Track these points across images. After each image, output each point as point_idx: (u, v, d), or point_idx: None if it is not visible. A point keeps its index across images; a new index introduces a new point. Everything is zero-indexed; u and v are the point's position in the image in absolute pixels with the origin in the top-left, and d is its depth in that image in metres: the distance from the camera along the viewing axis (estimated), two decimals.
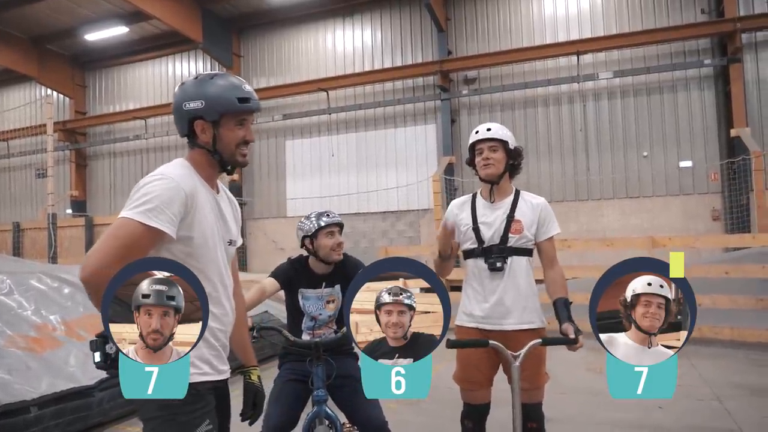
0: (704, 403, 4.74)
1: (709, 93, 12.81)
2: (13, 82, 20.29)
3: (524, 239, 2.82)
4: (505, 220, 2.83)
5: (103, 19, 16.40)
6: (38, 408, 3.83)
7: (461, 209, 2.96)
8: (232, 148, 1.94)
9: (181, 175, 1.87)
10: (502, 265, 2.78)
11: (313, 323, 3.00)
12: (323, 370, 2.73)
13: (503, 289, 2.78)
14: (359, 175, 15.52)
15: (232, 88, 1.92)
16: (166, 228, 1.75)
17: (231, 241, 2.05)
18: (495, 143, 2.83)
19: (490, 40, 14.53)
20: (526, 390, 2.74)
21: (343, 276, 3.03)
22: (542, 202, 2.93)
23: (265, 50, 17.09)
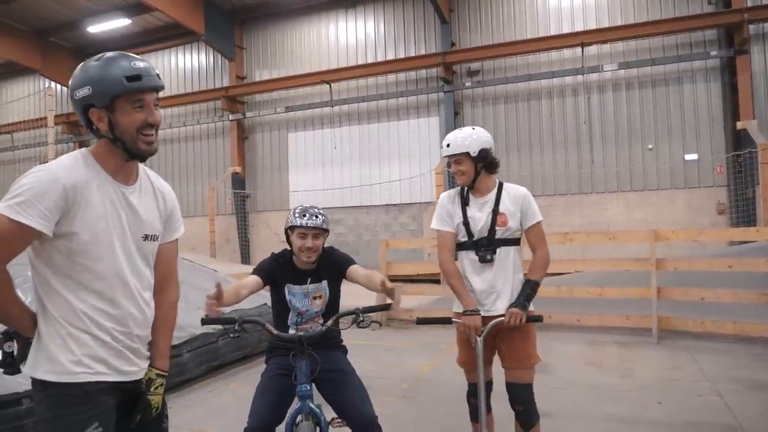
0: (704, 399, 4.67)
1: (715, 85, 12.67)
2: (16, 75, 20.32)
3: (510, 230, 3.04)
4: (491, 215, 3.03)
5: (105, 12, 16.38)
6: (30, 400, 3.80)
7: (453, 203, 3.15)
8: (132, 133, 1.76)
9: (65, 166, 1.74)
10: (492, 257, 3.01)
11: (299, 318, 2.95)
12: (307, 365, 2.65)
13: (493, 277, 3.01)
14: (362, 167, 15.47)
15: (119, 67, 1.73)
16: (35, 224, 1.63)
17: (147, 236, 1.90)
18: (458, 156, 2.99)
19: (493, 32, 14.40)
20: (512, 369, 3.02)
21: (331, 271, 2.97)
22: (522, 193, 3.09)
23: (267, 42, 17.02)
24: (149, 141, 1.79)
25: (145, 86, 1.75)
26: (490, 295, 3.02)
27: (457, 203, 3.14)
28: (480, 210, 3.07)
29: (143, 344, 1.94)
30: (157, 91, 1.81)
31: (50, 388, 1.71)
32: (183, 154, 17.45)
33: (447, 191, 3.27)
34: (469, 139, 3.02)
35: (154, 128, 1.80)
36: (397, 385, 5.36)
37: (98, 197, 1.77)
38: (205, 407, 4.90)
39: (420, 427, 4.30)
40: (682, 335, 6.94)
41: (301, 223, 2.85)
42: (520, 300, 2.93)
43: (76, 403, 1.70)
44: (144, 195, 1.92)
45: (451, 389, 5.19)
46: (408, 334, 7.91)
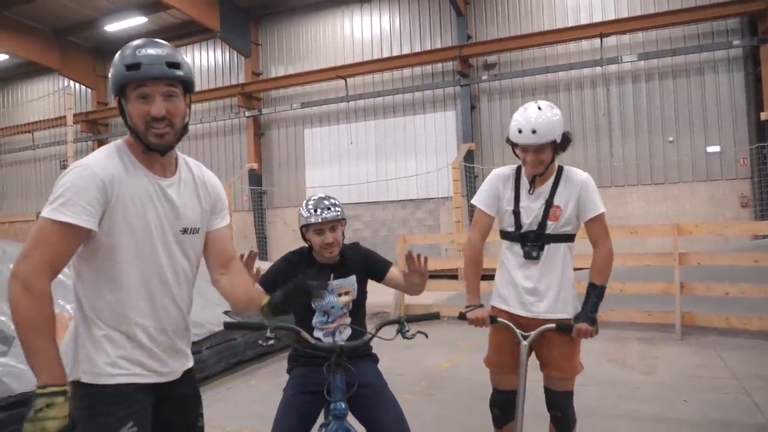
0: (731, 396, 4.57)
1: (738, 75, 12.40)
2: (35, 75, 20.56)
3: (563, 225, 2.71)
4: (544, 206, 2.70)
5: (122, 10, 16.49)
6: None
7: (505, 186, 2.81)
8: (140, 126, 1.68)
9: (100, 160, 1.69)
10: (538, 255, 2.71)
11: (326, 318, 2.67)
12: (342, 379, 2.31)
13: (537, 276, 2.72)
14: (378, 162, 15.42)
15: (124, 55, 1.65)
16: (79, 221, 1.59)
17: (186, 230, 1.84)
18: (542, 146, 2.59)
19: (510, 24, 14.24)
20: (555, 378, 2.78)
21: (360, 267, 2.72)
22: (582, 180, 2.71)
23: (283, 38, 17.02)
24: (159, 134, 1.69)
25: (142, 76, 1.63)
26: (533, 295, 2.74)
27: (511, 188, 2.78)
28: (534, 200, 2.72)
29: (181, 340, 1.90)
30: (165, 80, 1.67)
31: (86, 387, 1.70)
32: (200, 151, 17.53)
33: (500, 168, 2.88)
34: (557, 123, 2.60)
35: (165, 121, 1.68)
36: (416, 382, 5.32)
37: (135, 190, 1.72)
38: (225, 404, 4.91)
39: (441, 426, 4.26)
40: (706, 331, 6.81)
41: (315, 219, 2.59)
42: (588, 312, 2.61)
43: (111, 403, 1.69)
44: (183, 187, 1.86)
45: (472, 387, 5.14)
46: (426, 330, 7.85)
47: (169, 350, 1.84)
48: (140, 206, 1.72)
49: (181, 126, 1.75)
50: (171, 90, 1.69)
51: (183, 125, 1.76)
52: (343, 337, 2.66)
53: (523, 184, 2.77)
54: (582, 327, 2.59)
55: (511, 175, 2.82)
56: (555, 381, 2.78)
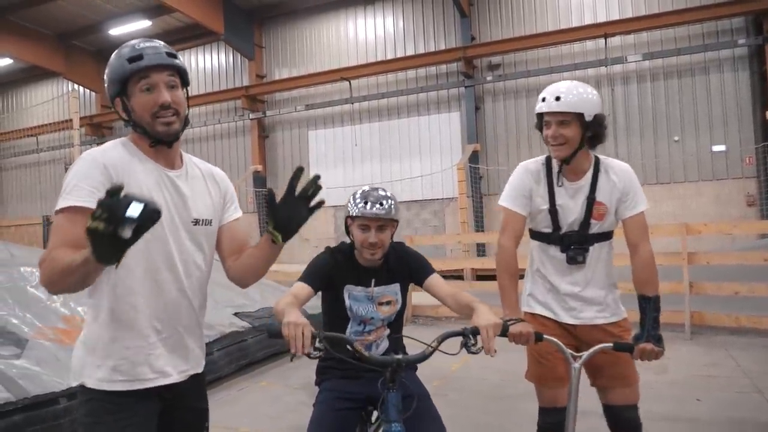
0: (744, 395, 4.56)
1: (743, 74, 12.38)
2: (40, 79, 20.62)
3: (608, 223, 2.43)
4: (586, 204, 2.38)
5: (126, 14, 16.52)
6: (67, 399, 3.84)
7: (537, 182, 2.48)
8: (146, 118, 1.69)
9: (102, 148, 1.73)
10: (584, 258, 2.40)
11: (363, 328, 2.40)
12: (399, 397, 1.96)
13: (583, 281, 2.43)
14: (383, 164, 15.42)
15: (123, 52, 1.69)
16: (84, 202, 1.57)
17: (197, 221, 1.82)
18: (566, 116, 2.28)
19: (514, 25, 14.24)
20: (615, 388, 2.45)
21: (404, 273, 2.43)
22: (625, 171, 2.44)
23: (286, 41, 17.04)
24: (166, 122, 1.70)
25: (146, 64, 1.66)
26: (579, 301, 2.45)
27: (543, 183, 2.45)
28: (572, 197, 2.40)
29: (190, 336, 1.85)
30: (167, 70, 1.70)
31: (90, 392, 1.70)
32: (204, 154, 17.53)
33: (527, 161, 2.57)
34: (588, 97, 2.30)
35: (171, 109, 1.70)
36: (428, 382, 5.26)
37: (140, 176, 1.71)
38: (237, 405, 4.91)
39: (455, 425, 4.24)
40: (715, 331, 6.80)
41: (361, 212, 2.28)
42: (650, 330, 2.27)
43: (114, 411, 1.68)
44: (192, 179, 1.85)
45: (483, 387, 5.15)
46: (434, 331, 7.84)
47: (177, 347, 1.80)
48: (146, 192, 1.68)
49: (184, 116, 1.77)
50: (172, 80, 1.73)
51: (186, 116, 1.79)
52: (380, 351, 2.40)
53: (555, 176, 2.46)
54: (647, 347, 2.24)
55: (541, 169, 2.49)
56: (617, 392, 2.44)
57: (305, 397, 4.72)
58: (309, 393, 2.53)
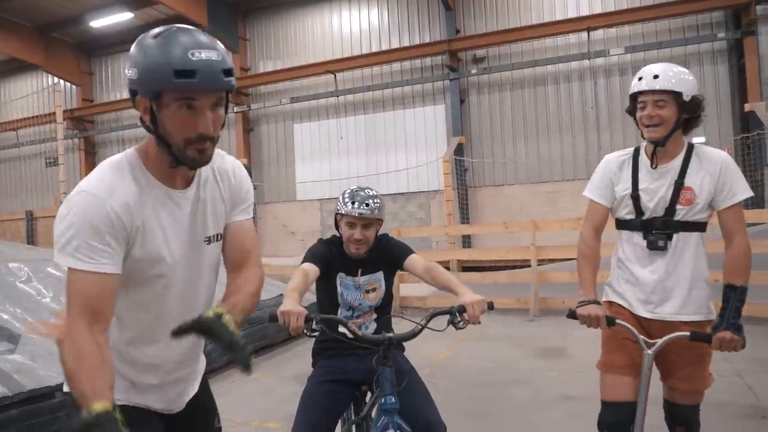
0: (725, 379, 4.72)
1: (722, 67, 12.62)
2: (19, 71, 20.26)
3: (696, 211, 2.29)
4: (673, 188, 2.29)
5: (108, 6, 16.28)
6: (63, 393, 3.87)
7: (621, 168, 2.42)
8: (176, 138, 1.41)
9: (109, 184, 1.44)
10: (665, 244, 2.30)
11: (351, 313, 2.62)
12: (393, 372, 2.19)
13: (665, 271, 2.31)
14: (368, 157, 15.46)
15: (172, 53, 1.34)
16: (103, 268, 1.39)
17: (209, 238, 1.63)
18: (663, 96, 2.21)
19: (498, 18, 14.33)
20: (683, 391, 2.40)
21: (386, 261, 2.65)
22: (723, 159, 2.31)
23: (271, 33, 16.96)
24: (201, 149, 1.43)
25: (197, 86, 1.35)
26: (658, 292, 2.34)
27: (628, 169, 2.39)
28: (658, 180, 2.32)
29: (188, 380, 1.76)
30: (218, 93, 1.42)
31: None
32: None
33: (614, 152, 2.51)
34: (686, 77, 2.25)
35: (209, 139, 1.43)
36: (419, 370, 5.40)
37: (152, 213, 1.50)
38: (229, 397, 4.96)
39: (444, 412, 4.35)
40: None
41: (348, 210, 2.50)
42: (730, 318, 2.17)
43: None
44: (204, 188, 1.62)
45: (471, 375, 5.27)
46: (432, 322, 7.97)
47: (181, 383, 1.72)
48: (159, 230, 1.51)
49: (218, 138, 1.50)
50: (220, 99, 1.44)
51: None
52: (369, 331, 2.61)
53: (642, 162, 2.38)
54: (725, 336, 2.14)
55: (628, 158, 2.43)
56: (682, 394, 2.39)
57: (298, 388, 4.78)
58: (301, 384, 2.60)
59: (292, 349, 6.48)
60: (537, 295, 7.84)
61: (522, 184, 13.80)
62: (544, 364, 5.53)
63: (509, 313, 7.98)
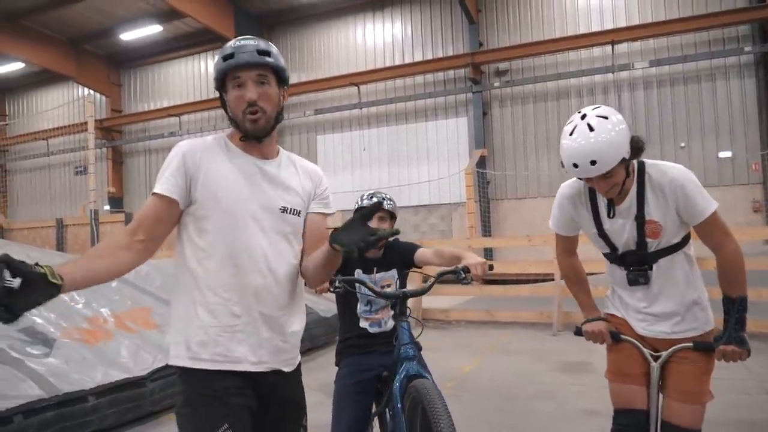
0: (752, 397, 4.66)
1: (749, 81, 12.49)
2: (51, 82, 20.85)
3: (667, 238, 2.19)
4: (636, 224, 2.19)
5: (138, 19, 16.74)
6: (95, 397, 3.97)
7: (577, 206, 2.33)
8: (237, 113, 1.77)
9: (193, 140, 1.85)
10: (646, 279, 2.23)
11: (369, 307, 2.80)
12: (410, 325, 2.44)
13: (647, 298, 2.27)
14: (391, 169, 15.56)
15: (223, 50, 1.79)
16: (161, 190, 1.73)
17: (285, 209, 1.83)
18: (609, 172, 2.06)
19: (522, 31, 14.38)
20: (675, 402, 2.23)
21: (399, 260, 2.87)
22: (675, 179, 2.16)
23: (296, 46, 17.22)
24: (253, 119, 1.75)
25: (236, 63, 1.73)
26: (651, 318, 2.29)
27: (586, 208, 2.30)
28: (619, 218, 2.22)
29: (274, 328, 1.80)
30: (256, 68, 1.75)
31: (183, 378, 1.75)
32: None
33: (568, 185, 2.37)
34: (619, 138, 2.03)
35: (257, 106, 1.74)
36: (441, 383, 5.38)
37: (224, 165, 1.79)
38: None
39: (469, 424, 4.36)
40: None
41: (367, 204, 2.77)
42: (732, 331, 2.12)
43: (206, 403, 1.70)
44: (285, 170, 1.89)
45: (496, 388, 5.26)
46: (443, 334, 7.97)
47: (257, 335, 1.77)
48: (228, 180, 1.77)
49: (273, 113, 1.79)
50: (262, 77, 1.76)
51: (276, 113, 1.81)
52: (387, 327, 2.77)
53: (600, 198, 2.27)
54: (728, 349, 2.10)
55: (582, 192, 2.31)
56: (676, 407, 2.22)
57: (322, 398, 4.83)
58: (326, 393, 2.68)
59: (315, 359, 6.52)
60: (560, 309, 7.79)
61: (544, 197, 13.76)
62: (568, 378, 5.50)
63: (532, 327, 7.94)
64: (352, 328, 2.79)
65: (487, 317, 8.36)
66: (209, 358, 1.73)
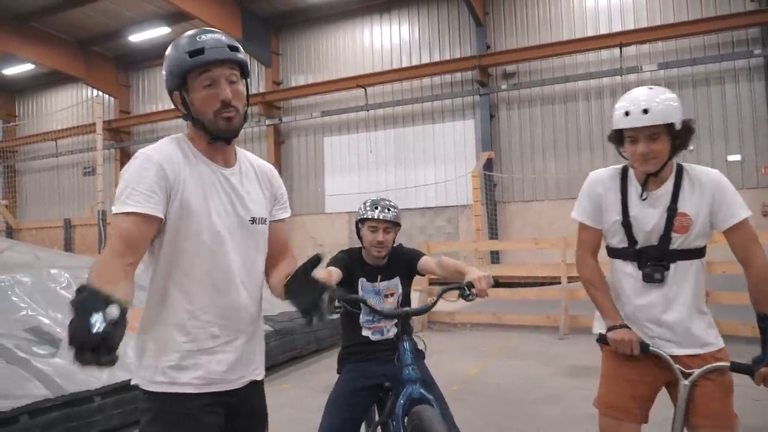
0: (762, 403, 4.61)
1: (759, 84, 12.40)
2: (60, 84, 20.98)
3: (693, 237, 2.11)
4: (666, 215, 2.11)
5: (146, 21, 16.82)
6: (101, 397, 3.98)
7: (607, 189, 2.23)
8: (207, 113, 1.63)
9: (157, 147, 1.67)
10: (662, 276, 2.12)
11: (372, 317, 2.76)
12: (412, 344, 2.37)
13: (663, 304, 2.14)
14: (397, 171, 15.55)
15: (183, 44, 1.62)
16: (142, 209, 1.54)
17: (254, 219, 1.77)
18: (656, 129, 2.02)
19: (529, 34, 14.35)
20: (705, 428, 2.12)
21: (402, 267, 2.84)
22: (714, 178, 2.12)
23: (303, 48, 17.25)
24: (228, 117, 1.64)
25: (208, 59, 1.59)
26: (659, 327, 2.16)
27: (616, 192, 2.20)
28: (650, 207, 2.14)
29: (251, 342, 1.79)
30: (228, 64, 1.64)
31: (150, 399, 1.65)
32: None
33: (600, 171, 2.30)
34: (674, 105, 2.04)
35: (233, 105, 1.64)
36: (446, 386, 5.37)
37: (196, 176, 1.67)
38: None
39: (475, 428, 4.34)
40: (732, 339, 6.78)
41: (372, 215, 2.72)
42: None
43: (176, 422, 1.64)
44: (245, 177, 1.81)
45: (502, 392, 5.23)
46: (449, 337, 7.95)
47: (235, 352, 1.73)
48: (202, 193, 1.67)
49: (243, 111, 1.70)
50: (233, 74, 1.66)
51: (245, 111, 1.72)
52: (390, 335, 2.73)
53: (631, 185, 2.19)
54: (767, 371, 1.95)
55: (616, 177, 2.23)
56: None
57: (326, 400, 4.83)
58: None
59: (320, 360, 6.52)
60: (567, 313, 7.76)
61: (551, 200, 13.71)
62: (575, 382, 5.47)
63: (539, 330, 7.91)
64: (354, 336, 2.78)
65: (494, 320, 8.34)
66: (188, 382, 1.66)
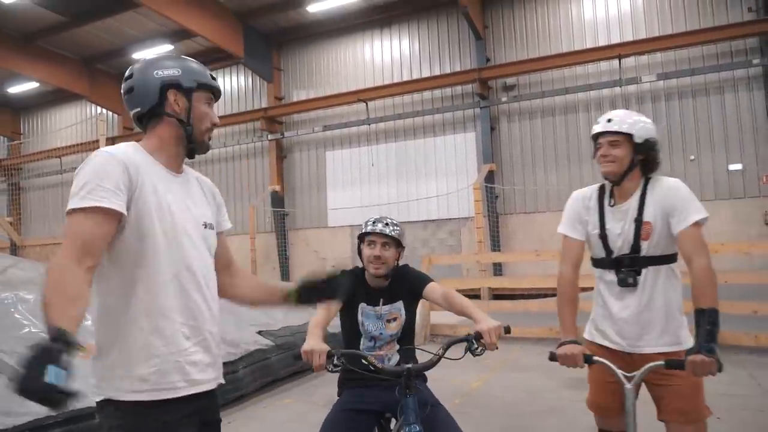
0: (765, 414, 4.60)
1: (758, 93, 12.42)
2: (64, 101, 21.16)
3: (655, 243, 2.38)
4: (634, 225, 2.39)
5: (149, 39, 16.99)
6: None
7: (587, 207, 2.56)
8: (201, 129, 1.84)
9: (118, 148, 1.72)
10: (635, 281, 2.39)
11: (373, 344, 2.68)
12: (416, 401, 2.23)
13: (636, 306, 2.40)
14: (399, 184, 15.59)
15: (201, 68, 1.88)
16: (107, 203, 1.54)
17: (206, 224, 1.85)
18: (616, 137, 2.40)
19: (528, 47, 14.44)
20: (675, 423, 2.35)
21: (406, 290, 2.72)
22: (672, 185, 2.40)
23: (304, 63, 17.39)
24: (210, 137, 1.92)
25: (217, 88, 1.91)
26: (633, 326, 2.41)
27: (594, 209, 2.53)
28: (620, 220, 2.44)
29: (214, 342, 1.81)
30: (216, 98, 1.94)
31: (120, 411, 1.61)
32: (224, 174, 17.87)
33: (581, 189, 2.65)
34: (639, 123, 2.41)
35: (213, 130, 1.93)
36: (450, 400, 5.39)
37: (156, 178, 1.73)
38: (261, 423, 5.02)
39: None
40: (734, 350, 6.79)
41: (370, 229, 2.66)
42: (702, 342, 2.10)
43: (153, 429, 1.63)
44: (193, 186, 1.92)
45: (505, 405, 5.22)
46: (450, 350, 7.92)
47: (206, 352, 1.76)
48: (162, 195, 1.71)
49: None
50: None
51: None
52: (392, 363, 2.65)
53: (607, 200, 2.52)
54: (696, 359, 2.06)
55: (593, 195, 2.57)
56: (677, 429, 2.35)
57: None
58: None
59: (323, 375, 6.52)
60: None
61: (553, 211, 13.70)
62: (577, 394, 5.45)
63: (541, 342, 7.89)
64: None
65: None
66: (172, 387, 1.66)
